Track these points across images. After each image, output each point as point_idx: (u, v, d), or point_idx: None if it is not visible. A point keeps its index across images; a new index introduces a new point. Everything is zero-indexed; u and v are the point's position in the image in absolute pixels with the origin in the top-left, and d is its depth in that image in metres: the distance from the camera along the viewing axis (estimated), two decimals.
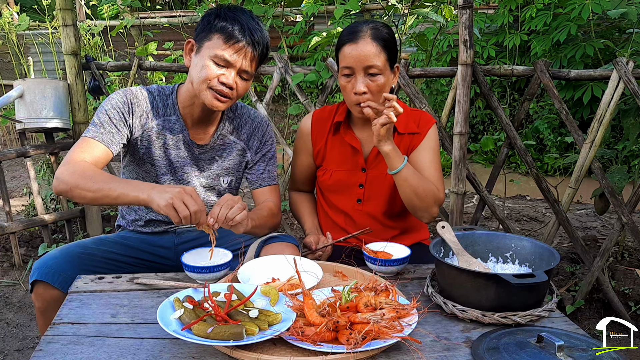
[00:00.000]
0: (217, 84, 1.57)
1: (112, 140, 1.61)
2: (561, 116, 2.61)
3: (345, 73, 1.69)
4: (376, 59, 1.65)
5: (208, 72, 1.57)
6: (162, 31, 6.41)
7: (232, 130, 1.79)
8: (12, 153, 3.24)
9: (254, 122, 1.82)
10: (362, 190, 1.83)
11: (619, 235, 2.66)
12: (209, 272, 1.45)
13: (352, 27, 1.70)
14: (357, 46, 1.65)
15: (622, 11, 3.44)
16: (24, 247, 3.42)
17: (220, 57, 1.55)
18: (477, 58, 4.99)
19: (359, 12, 5.37)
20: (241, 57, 1.57)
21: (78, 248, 1.64)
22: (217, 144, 1.77)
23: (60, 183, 1.48)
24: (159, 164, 1.72)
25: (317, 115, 1.90)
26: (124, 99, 1.65)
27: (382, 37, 1.67)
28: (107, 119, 1.61)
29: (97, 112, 1.64)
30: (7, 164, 5.60)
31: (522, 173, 4.98)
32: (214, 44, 1.56)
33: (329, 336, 1.11)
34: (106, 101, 1.65)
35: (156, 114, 1.69)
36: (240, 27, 1.56)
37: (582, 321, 2.67)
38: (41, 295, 1.52)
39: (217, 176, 1.79)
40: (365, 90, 1.66)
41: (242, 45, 1.56)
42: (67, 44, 3.24)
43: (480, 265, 1.45)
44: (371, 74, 1.66)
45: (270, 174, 1.84)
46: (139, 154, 1.71)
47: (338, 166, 1.85)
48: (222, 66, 1.57)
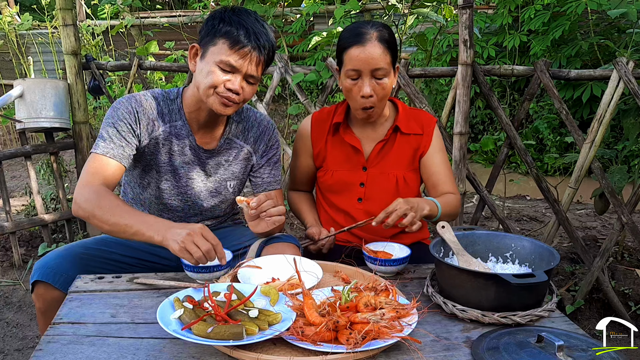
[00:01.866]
0: (224, 89, 1.55)
1: (123, 154, 1.58)
2: (561, 116, 2.61)
3: (351, 76, 1.68)
4: (383, 62, 1.65)
5: (214, 78, 1.54)
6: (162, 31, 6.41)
7: (239, 134, 1.77)
8: (12, 153, 3.24)
9: (260, 126, 1.80)
10: (363, 189, 1.83)
11: (619, 235, 2.66)
12: (209, 272, 1.45)
13: (356, 29, 1.69)
14: (364, 49, 1.64)
15: (622, 11, 3.44)
16: (24, 247, 3.42)
17: (226, 62, 1.53)
18: (477, 58, 4.99)
19: (359, 12, 5.37)
20: (247, 62, 1.54)
21: (79, 248, 1.63)
22: (224, 149, 1.75)
23: (79, 209, 1.49)
24: (163, 169, 1.70)
25: (316, 117, 1.90)
26: (129, 109, 1.61)
27: (386, 39, 1.67)
28: (115, 132, 1.58)
29: (103, 124, 1.61)
30: (7, 164, 5.59)
31: (522, 173, 4.98)
32: (219, 49, 1.53)
33: (329, 336, 1.11)
34: (111, 112, 1.62)
35: (162, 120, 1.66)
36: (245, 32, 1.53)
37: (582, 321, 2.67)
38: (42, 296, 1.52)
39: (224, 180, 1.78)
40: (372, 93, 1.66)
41: (247, 50, 1.53)
42: (67, 43, 3.24)
43: (480, 265, 1.45)
44: (378, 77, 1.66)
45: (275, 178, 1.83)
46: (146, 160, 1.69)
47: (339, 166, 1.85)
48: (228, 72, 1.54)
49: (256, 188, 1.83)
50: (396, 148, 1.82)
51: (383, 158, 1.83)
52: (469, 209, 3.96)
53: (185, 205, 1.76)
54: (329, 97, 3.06)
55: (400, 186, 1.82)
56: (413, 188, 1.85)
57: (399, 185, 1.81)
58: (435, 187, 1.84)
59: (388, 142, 1.83)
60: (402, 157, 1.82)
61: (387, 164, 1.82)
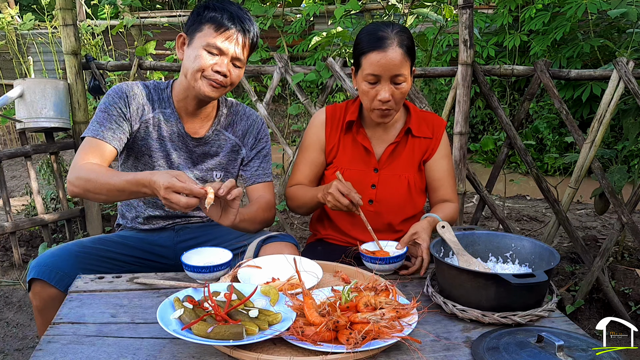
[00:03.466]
0: (212, 72, 1.61)
1: (113, 137, 1.62)
2: (561, 116, 2.61)
3: (369, 80, 1.66)
4: (403, 68, 1.64)
5: (202, 62, 1.60)
6: (162, 31, 6.41)
7: (227, 126, 1.81)
8: (12, 153, 3.24)
9: (249, 119, 1.84)
10: (374, 191, 1.82)
11: (619, 235, 2.66)
12: (209, 272, 1.45)
13: (376, 32, 1.66)
14: (385, 54, 1.62)
15: (622, 11, 3.44)
16: (24, 247, 3.42)
17: (212, 45, 1.59)
18: (477, 58, 4.99)
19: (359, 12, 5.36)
20: (232, 44, 1.61)
21: (75, 247, 1.64)
22: (212, 139, 1.79)
23: (74, 188, 1.53)
24: (156, 155, 1.73)
25: (330, 110, 1.88)
26: (119, 94, 1.67)
27: (407, 44, 1.65)
28: (106, 116, 1.63)
29: (96, 110, 1.66)
30: (7, 164, 5.59)
31: (522, 173, 4.98)
32: (205, 33, 1.60)
33: (329, 336, 1.11)
34: (104, 99, 1.68)
35: (152, 106, 1.71)
36: (229, 15, 1.60)
37: (582, 321, 2.67)
38: (38, 294, 1.52)
39: (210, 170, 1.80)
40: (390, 98, 1.66)
41: (232, 32, 1.60)
42: (67, 43, 3.24)
43: (480, 265, 1.45)
44: (397, 82, 1.66)
45: (264, 170, 1.85)
46: (138, 146, 1.72)
47: (350, 165, 1.82)
48: (214, 54, 1.61)
49: (246, 181, 1.85)
50: (407, 150, 1.82)
51: (394, 160, 1.82)
52: (469, 209, 3.96)
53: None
54: (329, 97, 3.05)
55: (411, 188, 1.81)
56: (422, 190, 1.86)
57: (410, 187, 1.81)
58: (435, 192, 1.85)
59: (399, 144, 1.82)
60: (413, 160, 1.82)
61: (398, 166, 1.82)
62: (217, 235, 1.81)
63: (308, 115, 3.24)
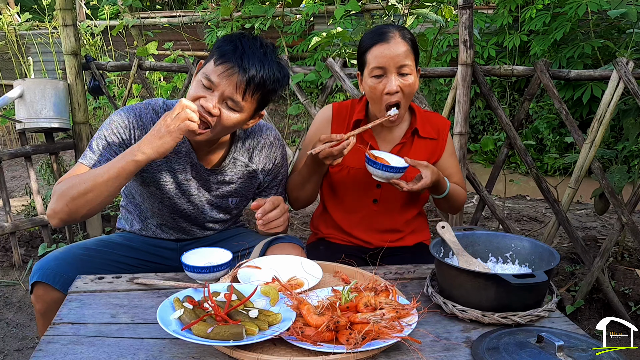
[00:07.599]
0: (199, 106, 1.43)
1: None
2: (561, 116, 2.61)
3: (375, 74, 1.66)
4: (408, 59, 1.65)
5: (191, 93, 1.46)
6: (162, 31, 6.41)
7: (245, 153, 1.70)
8: (12, 153, 3.24)
9: (266, 142, 1.72)
10: (379, 191, 1.81)
11: (619, 235, 2.66)
12: (209, 272, 1.45)
13: (378, 30, 1.69)
14: (389, 45, 1.63)
15: (622, 11, 3.44)
16: (24, 247, 3.42)
17: (206, 76, 1.43)
18: (477, 58, 4.99)
19: (359, 13, 5.37)
20: (226, 81, 1.41)
21: (79, 249, 1.62)
22: (228, 167, 1.68)
23: (55, 214, 1.43)
24: (166, 187, 1.65)
25: (337, 108, 1.86)
26: (125, 123, 1.55)
27: (410, 38, 1.67)
28: (105, 145, 1.53)
29: (96, 133, 1.56)
30: (7, 164, 5.59)
31: (522, 173, 4.98)
32: (209, 64, 1.46)
33: (329, 336, 1.11)
34: (107, 123, 1.56)
35: None
36: (234, 48, 1.43)
37: (582, 321, 2.67)
38: (41, 297, 1.51)
39: (226, 197, 1.73)
40: (397, 90, 1.65)
41: (229, 66, 1.41)
42: (67, 44, 3.24)
43: (480, 265, 1.45)
44: (403, 74, 1.65)
45: (280, 194, 1.79)
46: (143, 177, 1.63)
47: (356, 164, 1.80)
48: (207, 88, 1.44)
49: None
50: (413, 151, 1.81)
51: None
52: (469, 209, 3.96)
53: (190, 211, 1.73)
54: (329, 97, 3.05)
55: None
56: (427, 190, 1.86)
57: None
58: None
59: (406, 145, 1.82)
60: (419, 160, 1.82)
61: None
62: (221, 238, 1.81)
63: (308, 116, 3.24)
